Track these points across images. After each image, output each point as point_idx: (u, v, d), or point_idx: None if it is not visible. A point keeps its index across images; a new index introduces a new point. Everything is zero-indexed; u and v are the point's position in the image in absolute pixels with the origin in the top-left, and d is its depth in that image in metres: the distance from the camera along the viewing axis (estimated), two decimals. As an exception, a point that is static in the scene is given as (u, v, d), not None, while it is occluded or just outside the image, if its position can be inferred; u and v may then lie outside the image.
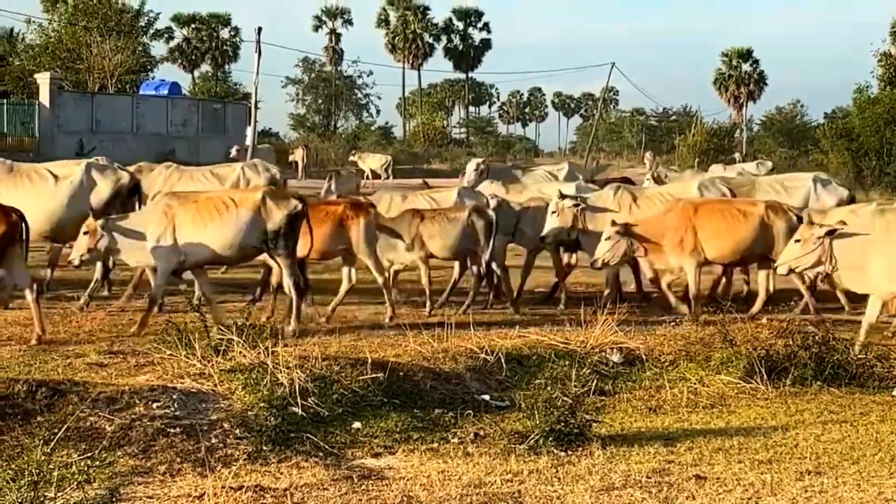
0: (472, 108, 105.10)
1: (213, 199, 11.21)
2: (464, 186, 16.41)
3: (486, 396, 9.06)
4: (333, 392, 8.32)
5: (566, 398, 7.83)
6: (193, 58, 77.03)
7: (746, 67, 79.04)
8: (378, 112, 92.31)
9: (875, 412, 8.82)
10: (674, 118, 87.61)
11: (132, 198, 13.11)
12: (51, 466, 6.08)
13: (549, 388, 8.12)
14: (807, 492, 6.75)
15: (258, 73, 40.15)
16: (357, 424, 8.02)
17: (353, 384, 8.52)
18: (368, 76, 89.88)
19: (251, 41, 40.85)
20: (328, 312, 11.92)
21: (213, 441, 7.43)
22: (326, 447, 7.50)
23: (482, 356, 9.77)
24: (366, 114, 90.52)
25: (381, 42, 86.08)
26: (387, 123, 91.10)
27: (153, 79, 54.09)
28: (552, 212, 13.33)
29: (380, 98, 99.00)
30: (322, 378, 8.47)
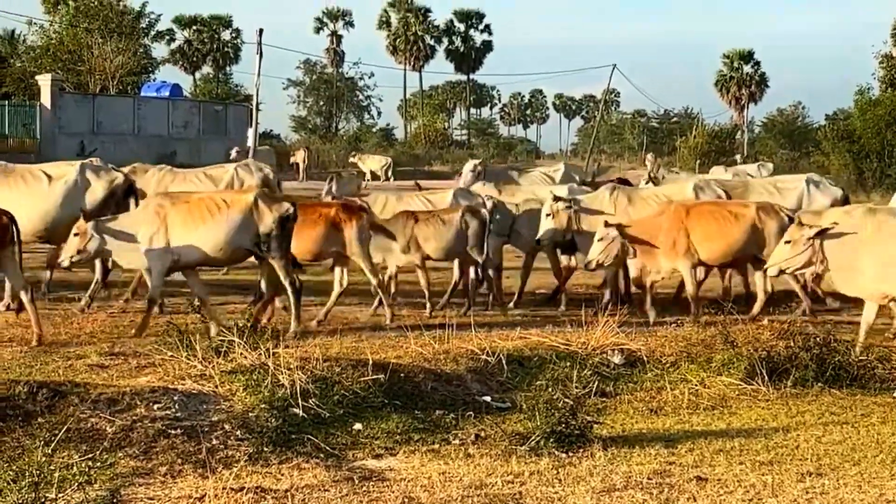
0: (474, 110, 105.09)
1: (205, 200, 11.20)
2: (460, 187, 16.42)
3: (488, 398, 9.06)
4: (334, 393, 8.32)
5: (567, 399, 7.83)
6: (195, 59, 77.01)
7: (748, 69, 79.08)
8: (379, 114, 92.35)
9: (876, 414, 8.82)
10: (675, 120, 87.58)
11: (127, 199, 13.09)
12: (52, 467, 6.07)
13: (550, 390, 8.12)
14: (808, 493, 6.75)
15: (259, 75, 40.19)
16: (358, 426, 8.02)
17: (354, 385, 8.52)
18: (370, 78, 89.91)
19: (252, 43, 40.89)
20: (321, 316, 11.93)
21: (214, 442, 7.43)
22: (327, 448, 7.50)
23: (483, 357, 9.77)
24: (367, 116, 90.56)
25: (383, 44, 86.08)
26: (388, 125, 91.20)
27: (154, 80, 54.12)
28: (546, 214, 13.37)
29: (381, 100, 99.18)
30: (323, 379, 8.47)
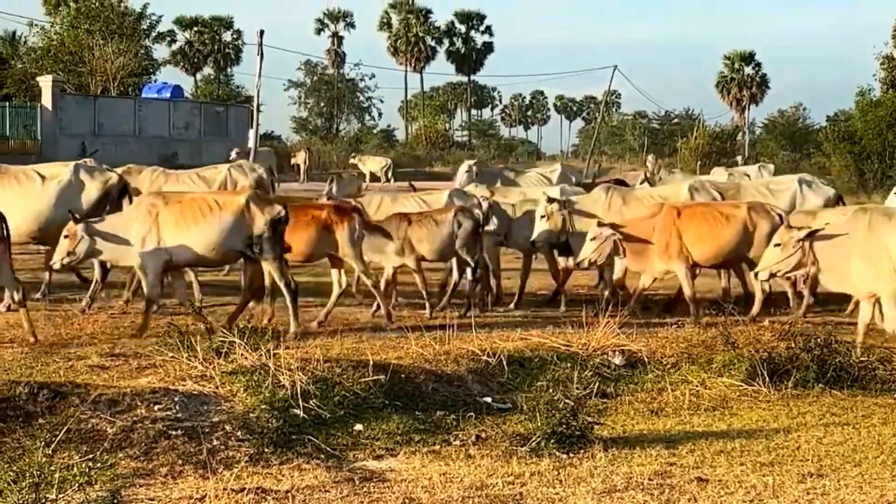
0: (475, 111, 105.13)
1: (197, 201, 11.20)
2: (455, 188, 16.43)
3: (488, 399, 9.05)
4: (335, 394, 8.31)
5: (568, 400, 7.82)
6: (196, 61, 77.07)
7: (749, 70, 79.16)
8: (380, 115, 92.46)
9: (877, 415, 8.82)
10: (676, 121, 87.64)
11: (121, 199, 13.06)
12: (52, 468, 6.08)
13: (551, 391, 8.12)
14: (809, 494, 6.74)
15: (260, 76, 40.13)
16: (358, 426, 8.01)
17: (355, 386, 8.52)
18: (371, 79, 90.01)
19: (253, 44, 40.80)
20: (321, 317, 11.93)
21: (215, 443, 7.42)
22: (328, 449, 7.50)
23: (484, 358, 9.77)
24: (368, 117, 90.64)
25: (384, 45, 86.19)
26: (389, 126, 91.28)
27: (155, 82, 54.14)
28: (541, 215, 13.38)
29: (382, 101, 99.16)
30: (324, 380, 8.47)
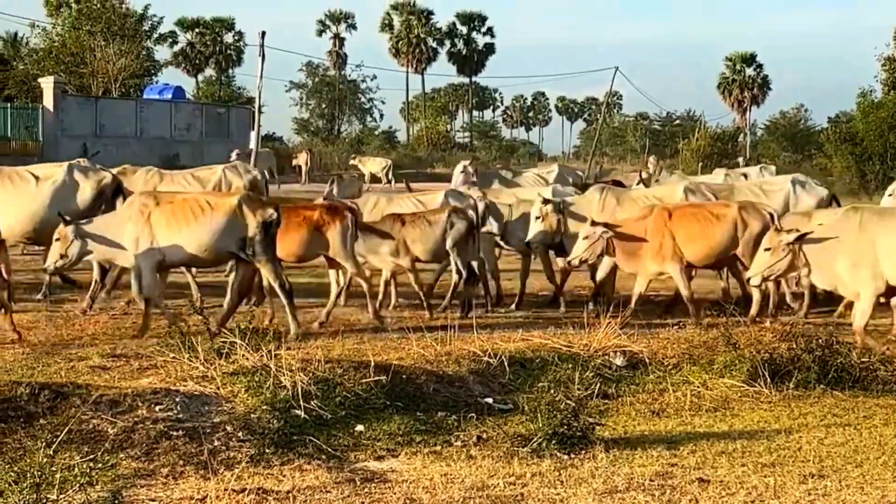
0: (476, 113, 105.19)
1: (189, 202, 11.18)
2: (451, 189, 16.43)
3: (489, 399, 9.05)
4: (336, 395, 8.31)
5: (569, 401, 7.82)
6: (197, 62, 77.13)
7: (750, 72, 79.19)
8: (382, 116, 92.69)
9: (879, 415, 8.81)
10: (677, 122, 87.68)
11: (115, 199, 13.03)
12: (53, 469, 6.08)
13: (553, 391, 8.12)
14: (810, 495, 6.74)
15: (262, 78, 40.06)
16: (360, 427, 8.01)
17: (356, 387, 8.52)
18: (372, 80, 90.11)
19: (255, 45, 40.69)
20: (322, 317, 11.94)
21: (216, 444, 7.42)
22: (329, 450, 7.50)
23: (485, 359, 9.76)
24: (369, 118, 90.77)
25: (385, 46, 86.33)
26: (390, 128, 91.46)
27: (157, 83, 54.14)
28: (536, 216, 13.39)
29: (383, 102, 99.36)
30: (325, 381, 8.46)
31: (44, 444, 6.43)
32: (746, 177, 20.82)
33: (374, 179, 42.74)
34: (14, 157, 31.83)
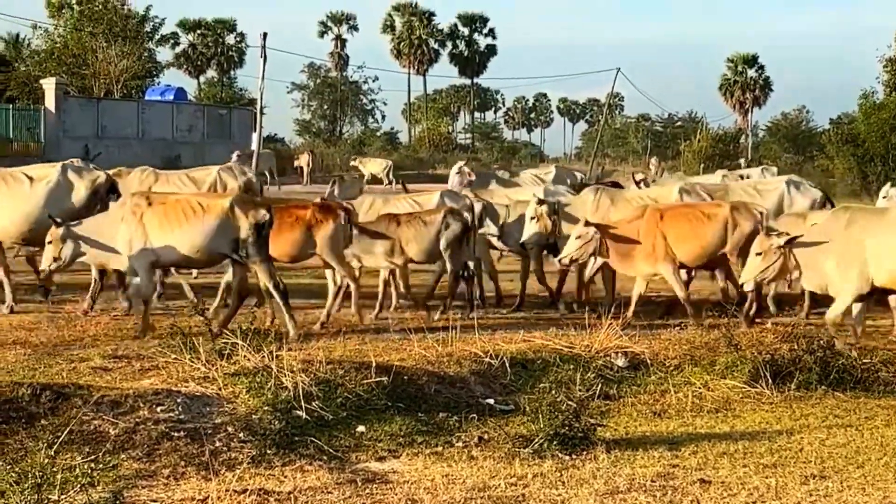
0: (478, 114, 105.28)
1: (181, 203, 11.17)
2: (447, 189, 16.42)
3: (491, 400, 9.05)
4: (338, 396, 8.31)
5: (571, 402, 7.82)
6: (199, 63, 77.19)
7: (752, 73, 79.20)
8: (383, 117, 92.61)
9: (880, 416, 8.81)
10: (679, 124, 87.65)
11: (109, 199, 12.99)
12: (54, 469, 6.08)
13: (554, 392, 8.12)
14: (811, 496, 6.74)
15: (263, 79, 40.23)
16: (361, 428, 8.01)
17: (358, 388, 8.52)
18: (374, 82, 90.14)
19: (257, 47, 40.88)
20: (323, 318, 11.94)
21: (217, 444, 7.43)
22: (330, 451, 7.50)
23: (487, 360, 9.76)
24: (371, 119, 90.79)
25: (387, 48, 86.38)
26: (392, 129, 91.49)
27: (159, 84, 54.13)
28: (531, 217, 13.39)
29: (385, 104, 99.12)
30: (326, 382, 8.47)
31: (45, 445, 6.44)
32: (745, 178, 20.81)
33: (376, 180, 42.77)
34: (16, 159, 31.82)
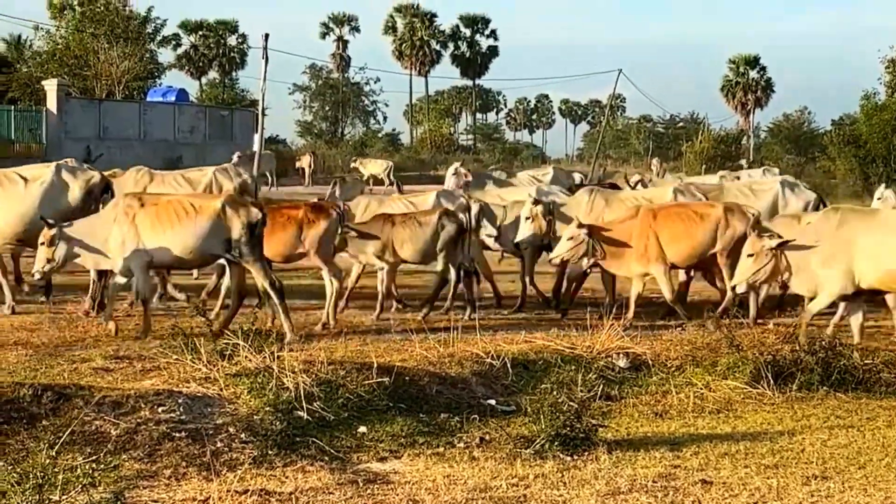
0: (480, 115, 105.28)
1: (173, 204, 11.17)
2: (443, 190, 16.40)
3: (492, 401, 9.05)
4: (339, 396, 8.32)
5: (572, 403, 7.82)
6: (201, 65, 77.21)
7: (753, 74, 79.25)
8: (385, 119, 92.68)
9: (882, 417, 8.81)
10: (681, 125, 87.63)
11: (104, 198, 12.96)
12: (56, 470, 6.09)
13: (555, 393, 8.12)
14: (813, 496, 6.74)
15: (265, 80, 40.11)
16: (363, 429, 8.02)
17: (359, 389, 8.52)
18: (375, 83, 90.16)
19: (258, 48, 40.78)
20: (323, 318, 11.93)
21: (219, 445, 7.43)
22: (332, 451, 7.50)
23: (488, 361, 9.76)
24: (373, 120, 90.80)
25: (389, 49, 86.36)
26: (394, 130, 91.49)
27: (160, 85, 54.13)
28: (526, 217, 13.40)
29: (387, 105, 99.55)
30: (328, 382, 8.47)
31: (47, 446, 6.44)
32: (741, 179, 20.81)
33: (376, 181, 42.75)
34: (17, 160, 31.78)
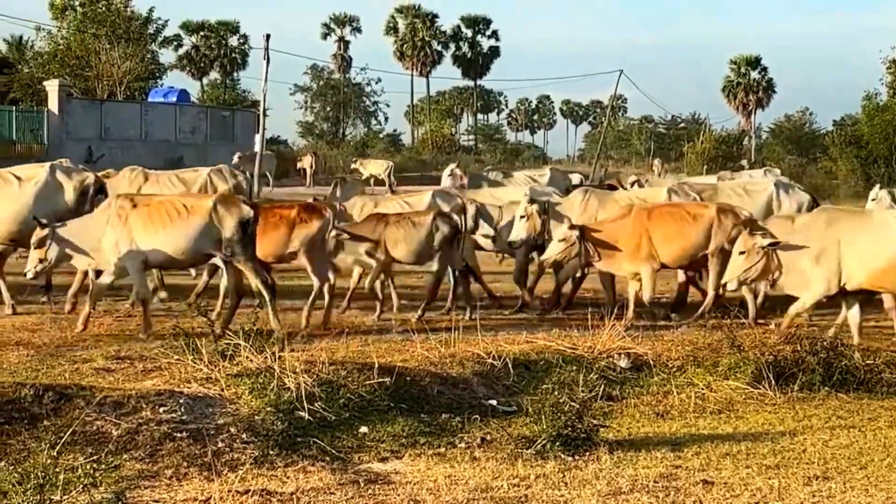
0: (481, 116, 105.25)
1: (165, 204, 11.17)
2: (438, 189, 16.40)
3: (494, 401, 9.05)
4: (340, 397, 8.31)
5: (573, 403, 7.82)
6: (202, 65, 77.22)
7: (755, 75, 79.21)
8: (386, 119, 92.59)
9: (883, 417, 8.81)
10: (682, 125, 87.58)
11: (98, 199, 12.96)
12: (57, 470, 6.09)
13: (557, 393, 8.10)
14: (814, 497, 6.73)
15: (266, 81, 40.09)
16: (364, 429, 8.01)
17: (360, 389, 8.52)
18: (377, 83, 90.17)
19: (260, 48, 40.74)
20: (325, 319, 11.93)
21: (220, 445, 7.43)
22: (333, 451, 7.50)
23: (489, 361, 9.76)
24: (374, 121, 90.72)
25: (390, 49, 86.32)
26: (395, 131, 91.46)
27: (162, 86, 54.17)
28: (521, 216, 13.39)
29: (388, 105, 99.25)
30: (329, 383, 8.47)
31: (48, 446, 6.44)
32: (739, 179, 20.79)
33: (377, 182, 42.75)
34: (19, 160, 31.79)
